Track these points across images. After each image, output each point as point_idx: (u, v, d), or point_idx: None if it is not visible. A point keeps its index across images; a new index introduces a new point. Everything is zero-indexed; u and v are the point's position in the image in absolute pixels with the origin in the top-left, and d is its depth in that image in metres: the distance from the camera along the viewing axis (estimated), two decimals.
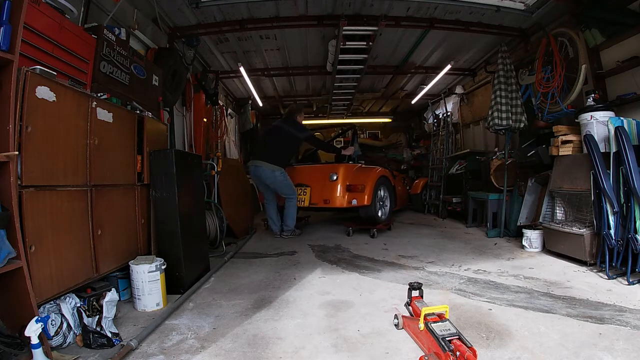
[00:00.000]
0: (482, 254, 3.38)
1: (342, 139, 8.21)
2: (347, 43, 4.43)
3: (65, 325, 1.72)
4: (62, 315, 1.73)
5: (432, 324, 1.53)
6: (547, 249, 3.30)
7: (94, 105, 2.02)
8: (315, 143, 4.83)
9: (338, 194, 4.28)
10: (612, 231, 2.54)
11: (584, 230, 2.82)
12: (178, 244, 2.45)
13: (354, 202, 4.23)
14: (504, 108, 4.09)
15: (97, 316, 1.78)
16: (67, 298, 1.80)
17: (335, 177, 4.34)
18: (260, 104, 7.98)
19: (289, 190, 4.33)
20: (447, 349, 1.39)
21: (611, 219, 2.56)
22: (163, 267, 2.24)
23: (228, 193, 4.35)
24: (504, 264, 2.99)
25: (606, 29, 3.38)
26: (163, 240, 2.51)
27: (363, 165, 4.85)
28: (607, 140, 2.79)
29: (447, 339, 1.44)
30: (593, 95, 3.26)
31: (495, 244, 3.76)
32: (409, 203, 6.94)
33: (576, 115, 3.25)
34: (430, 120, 8.10)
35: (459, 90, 6.81)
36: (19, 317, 1.46)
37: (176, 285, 2.41)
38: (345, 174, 4.39)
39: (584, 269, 2.76)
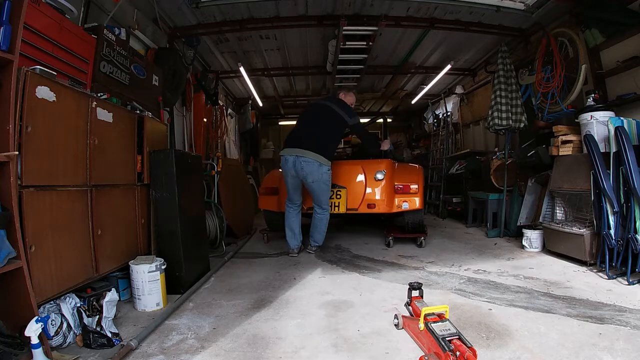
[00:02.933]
0: (482, 254, 3.38)
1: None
2: (347, 43, 4.42)
3: (65, 325, 1.72)
4: (62, 315, 1.72)
5: (432, 324, 1.53)
6: (547, 249, 3.30)
7: (94, 105, 2.02)
8: (363, 133, 3.78)
9: (386, 197, 3.56)
10: (612, 231, 2.54)
11: (584, 230, 2.82)
12: (178, 244, 2.45)
13: (405, 205, 3.57)
14: (504, 108, 4.08)
15: (97, 316, 1.78)
16: (67, 298, 1.80)
17: (381, 176, 3.60)
18: (260, 104, 7.98)
19: (327, 198, 3.42)
20: (447, 349, 1.39)
21: (611, 219, 2.56)
22: (163, 267, 2.24)
23: (228, 193, 4.35)
24: (504, 264, 2.99)
25: (606, 29, 3.38)
26: (163, 240, 2.51)
27: (401, 163, 4.25)
28: (607, 140, 2.79)
29: (447, 339, 1.44)
30: (593, 95, 3.26)
31: (495, 244, 3.76)
32: None
33: (576, 115, 3.25)
34: (430, 120, 8.11)
35: (459, 90, 6.81)
36: (19, 317, 1.46)
37: (176, 285, 2.41)
38: (391, 172, 3.70)
39: (584, 269, 2.76)
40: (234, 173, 4.91)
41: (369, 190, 3.60)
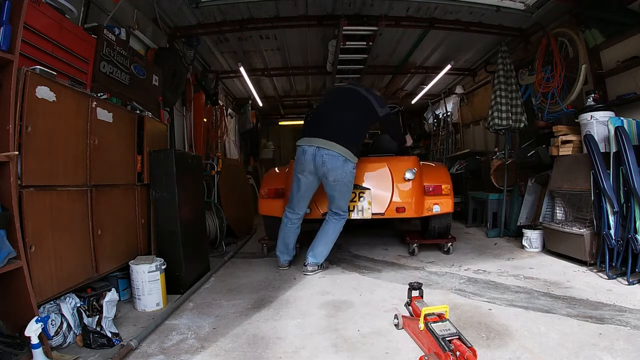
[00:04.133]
0: (482, 254, 3.38)
1: None
2: (347, 43, 4.43)
3: (65, 325, 1.72)
4: (62, 315, 1.73)
5: (432, 324, 1.53)
6: (547, 249, 3.30)
7: (94, 105, 2.02)
8: (391, 127, 3.30)
9: (415, 199, 3.13)
10: (612, 231, 2.53)
11: (584, 230, 2.82)
12: (178, 244, 2.45)
13: (437, 208, 3.16)
14: (504, 108, 4.08)
15: (97, 316, 1.78)
16: (67, 298, 1.80)
17: (412, 175, 3.13)
18: (260, 104, 7.99)
19: (347, 201, 2.92)
20: (447, 349, 1.39)
21: (611, 219, 2.55)
22: (163, 267, 2.24)
23: (228, 193, 4.35)
24: (504, 264, 2.99)
25: (606, 29, 3.38)
26: (163, 240, 2.51)
27: (424, 162, 3.82)
28: (607, 140, 2.79)
29: (447, 339, 1.44)
30: (593, 95, 3.26)
31: (495, 244, 3.76)
32: None
33: (576, 115, 3.25)
34: (430, 120, 8.12)
35: (459, 90, 6.81)
36: (19, 317, 1.46)
37: (176, 285, 2.41)
38: (419, 171, 3.25)
39: (584, 269, 2.76)
40: (234, 173, 4.92)
41: (397, 191, 3.15)
